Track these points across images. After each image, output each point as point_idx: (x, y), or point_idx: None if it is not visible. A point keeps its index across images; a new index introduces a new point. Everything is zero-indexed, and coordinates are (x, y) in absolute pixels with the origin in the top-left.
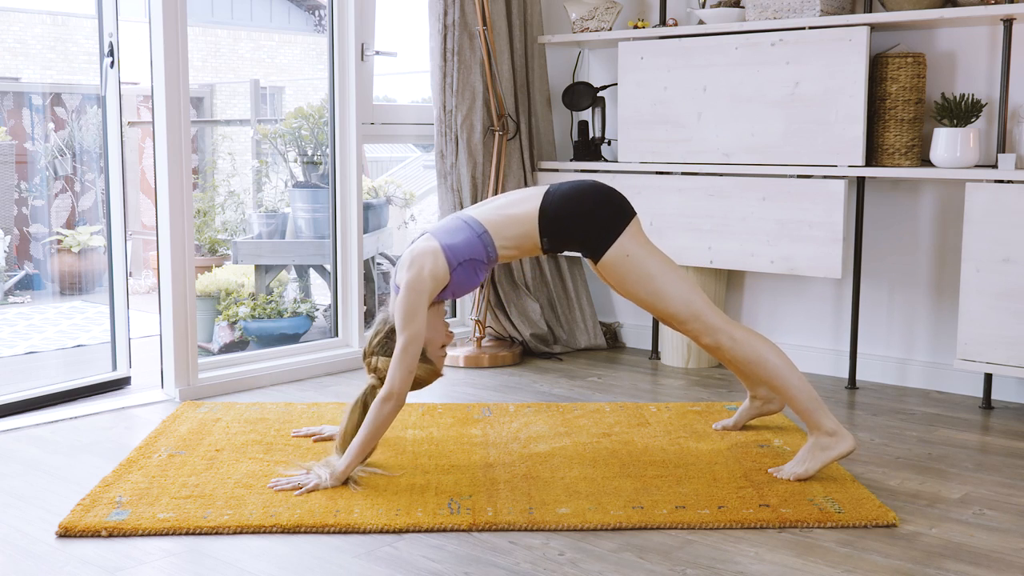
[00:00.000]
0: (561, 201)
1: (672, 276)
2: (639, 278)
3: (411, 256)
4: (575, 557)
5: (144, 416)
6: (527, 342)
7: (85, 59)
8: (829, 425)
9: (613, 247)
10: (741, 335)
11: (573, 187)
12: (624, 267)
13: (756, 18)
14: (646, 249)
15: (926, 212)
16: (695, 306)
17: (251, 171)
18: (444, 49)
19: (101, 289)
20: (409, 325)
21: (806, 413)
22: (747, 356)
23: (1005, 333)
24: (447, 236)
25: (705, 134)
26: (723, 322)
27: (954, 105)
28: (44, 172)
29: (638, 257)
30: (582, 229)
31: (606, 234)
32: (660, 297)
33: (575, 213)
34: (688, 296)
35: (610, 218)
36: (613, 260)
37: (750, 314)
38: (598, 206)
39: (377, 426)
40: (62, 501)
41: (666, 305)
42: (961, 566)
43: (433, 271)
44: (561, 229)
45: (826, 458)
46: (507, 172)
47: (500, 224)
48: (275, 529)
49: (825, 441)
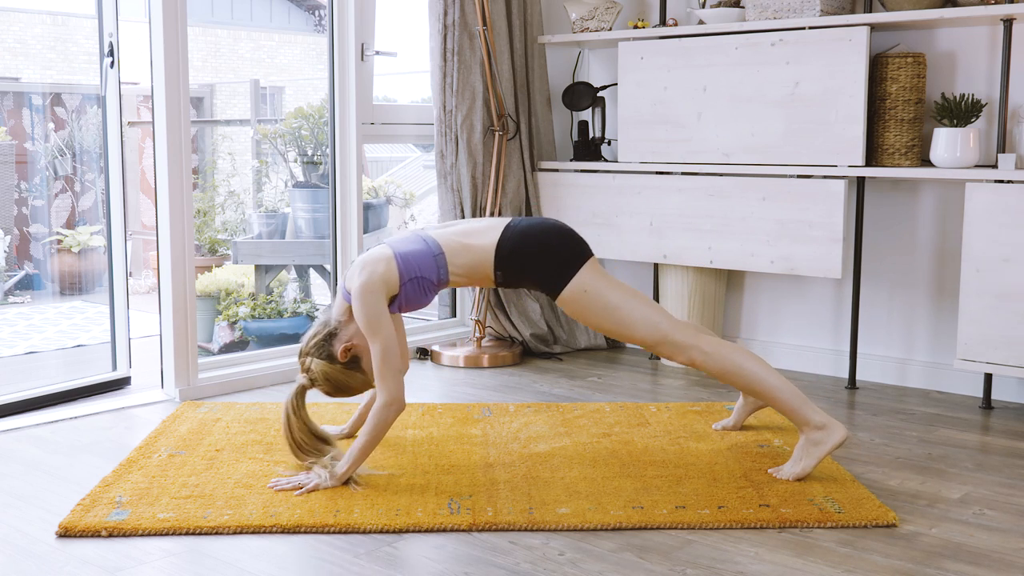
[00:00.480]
0: (519, 238)
1: (634, 303)
2: (601, 310)
3: (363, 261)
4: (575, 557)
5: (144, 416)
6: (527, 342)
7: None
8: (817, 419)
9: (570, 284)
10: (713, 347)
11: (533, 225)
12: (584, 301)
13: (756, 18)
14: (604, 281)
15: (926, 212)
16: (662, 328)
17: (251, 171)
18: (444, 49)
19: (101, 289)
20: (377, 332)
21: (792, 412)
22: (722, 367)
23: (1005, 333)
24: (403, 246)
25: (705, 134)
26: (692, 337)
27: (954, 105)
28: (44, 172)
29: (597, 289)
30: (538, 267)
31: (562, 272)
32: (625, 325)
33: (532, 251)
34: (653, 319)
35: (567, 258)
36: (572, 296)
37: (750, 314)
38: (556, 246)
39: (379, 431)
40: (62, 501)
41: (632, 333)
42: (961, 566)
43: (385, 276)
44: (517, 265)
45: (821, 452)
46: (507, 172)
47: (456, 250)
48: (275, 529)
49: (816, 436)
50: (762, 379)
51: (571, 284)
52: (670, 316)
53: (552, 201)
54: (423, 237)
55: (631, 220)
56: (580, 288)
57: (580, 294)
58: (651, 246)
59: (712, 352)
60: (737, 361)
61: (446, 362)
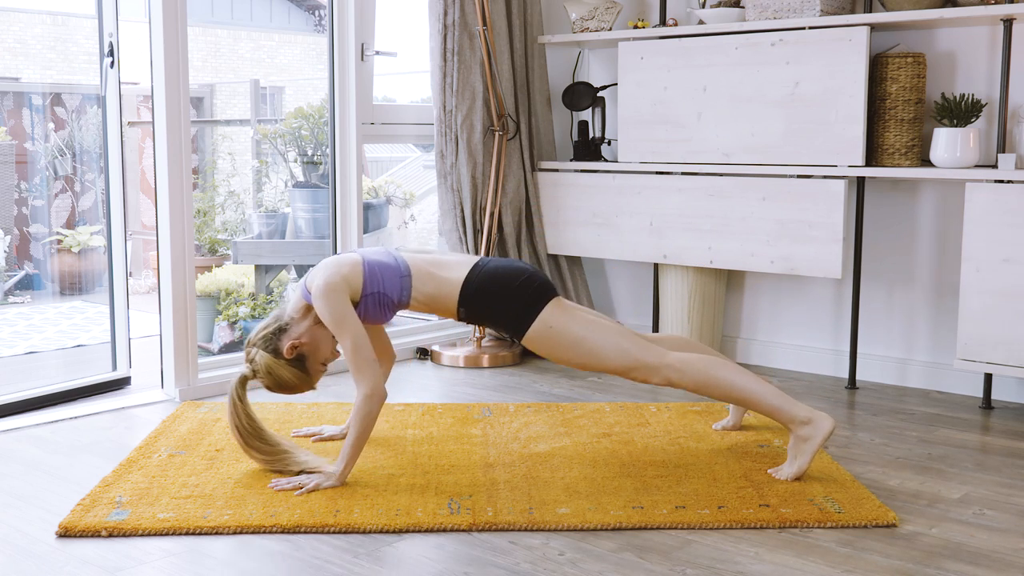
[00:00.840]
0: (486, 279)
1: (600, 332)
2: (568, 345)
3: (329, 262)
4: (575, 557)
5: (144, 416)
6: None
7: (85, 59)
8: (802, 414)
9: (535, 323)
10: (684, 364)
11: (500, 267)
12: (550, 338)
13: (756, 18)
14: (568, 315)
15: (926, 212)
16: (631, 354)
17: (251, 171)
18: (444, 49)
19: (101, 289)
20: (345, 329)
21: (775, 411)
22: (697, 381)
23: (1005, 333)
24: (373, 256)
25: (705, 134)
26: (662, 356)
27: (954, 105)
28: (44, 172)
29: (561, 325)
30: (502, 309)
31: (526, 312)
32: (594, 356)
33: (496, 292)
34: (621, 346)
35: (530, 299)
36: (537, 335)
37: (750, 314)
38: (519, 288)
39: (366, 424)
40: (62, 501)
41: (603, 363)
42: (961, 566)
43: (349, 278)
44: (481, 305)
45: (813, 447)
46: (507, 172)
47: (423, 277)
48: (275, 529)
49: (804, 431)
50: (739, 386)
51: (535, 323)
52: (638, 339)
53: (552, 201)
54: (394, 255)
55: (631, 220)
56: (545, 325)
57: (545, 331)
58: (651, 246)
59: (684, 368)
60: (711, 373)
61: (446, 362)
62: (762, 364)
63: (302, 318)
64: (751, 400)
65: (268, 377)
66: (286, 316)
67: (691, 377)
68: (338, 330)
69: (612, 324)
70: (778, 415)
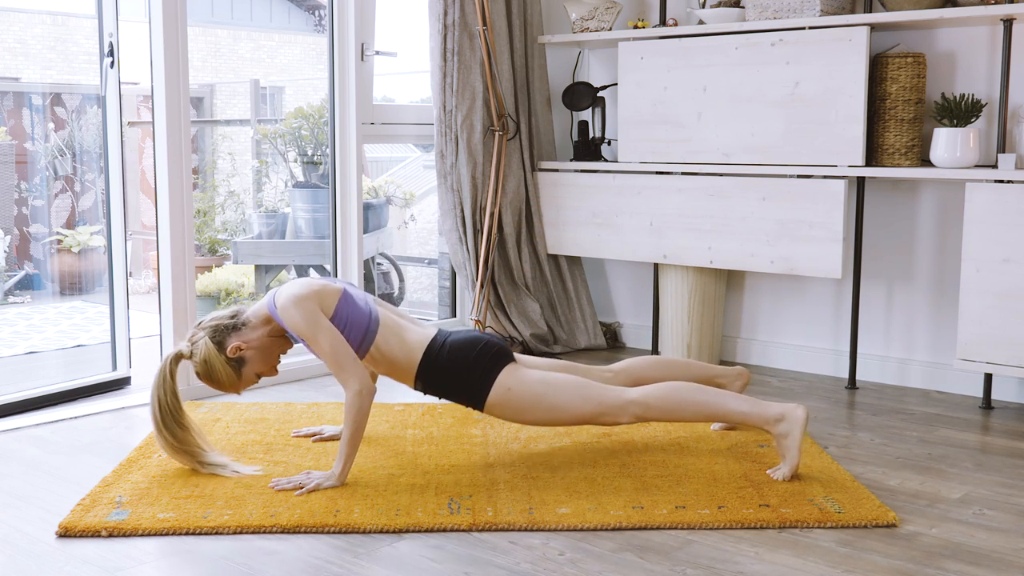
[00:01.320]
0: (443, 355)
1: (559, 386)
2: (531, 404)
3: (304, 280)
4: (575, 557)
5: (144, 416)
6: (527, 342)
7: (85, 59)
8: (774, 412)
9: (492, 390)
10: (645, 397)
11: (456, 342)
12: (510, 402)
13: (756, 18)
14: (524, 375)
15: (926, 212)
16: (594, 399)
17: (251, 171)
18: (444, 49)
19: (101, 289)
20: (319, 331)
21: (747, 417)
22: (664, 410)
23: (1005, 333)
24: (352, 291)
25: (705, 134)
26: (623, 394)
27: (954, 105)
28: (44, 172)
29: (520, 384)
30: (459, 384)
31: (482, 383)
32: (560, 410)
33: (452, 369)
34: (584, 394)
35: (485, 369)
36: (496, 401)
37: (750, 314)
38: (475, 360)
39: (359, 421)
40: (62, 501)
41: (569, 415)
42: (961, 566)
43: (322, 295)
44: (439, 380)
45: (795, 441)
46: (507, 172)
47: (388, 335)
48: (275, 529)
49: (781, 428)
50: (705, 403)
51: (493, 390)
52: (595, 382)
53: (552, 201)
54: (370, 303)
55: (631, 220)
56: (503, 389)
57: (504, 394)
58: (651, 246)
59: (648, 401)
60: (673, 397)
61: None
62: (762, 364)
63: (259, 325)
64: (719, 414)
65: (202, 365)
66: (244, 316)
67: (657, 407)
68: (313, 335)
69: (570, 376)
70: (750, 420)
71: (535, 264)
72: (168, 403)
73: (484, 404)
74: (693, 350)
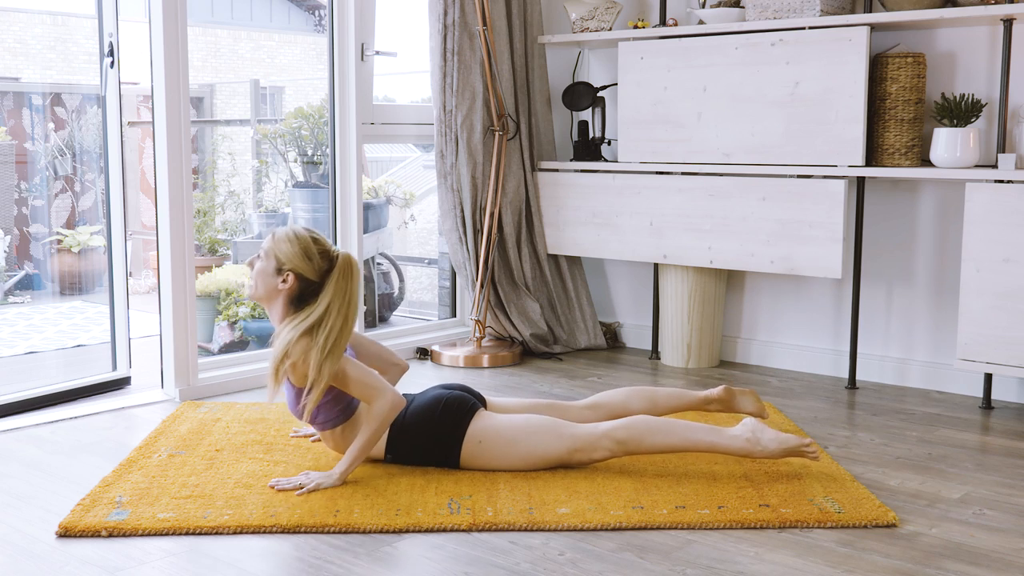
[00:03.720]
0: (407, 420)
1: (530, 430)
2: (504, 451)
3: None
4: (575, 557)
5: (144, 416)
6: (527, 342)
7: (85, 59)
8: (738, 439)
9: (464, 446)
10: (615, 429)
11: (418, 406)
12: (483, 453)
13: (756, 18)
14: (493, 421)
15: (926, 212)
16: (567, 438)
17: (251, 171)
18: (444, 49)
19: (101, 289)
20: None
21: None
22: (638, 442)
23: (1005, 333)
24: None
25: (705, 134)
26: (592, 430)
27: (954, 105)
28: (44, 172)
29: (491, 434)
30: (428, 445)
31: (452, 439)
32: (534, 454)
33: (419, 430)
34: (557, 434)
35: (453, 424)
36: (469, 453)
37: (750, 314)
38: (440, 417)
39: (380, 428)
40: (62, 501)
41: (545, 458)
42: (961, 566)
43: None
44: (407, 445)
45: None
46: (507, 172)
47: (363, 408)
48: (275, 529)
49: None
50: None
51: (464, 444)
52: (566, 422)
53: (552, 201)
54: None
55: (631, 220)
56: (474, 442)
57: (476, 447)
58: (651, 246)
59: (619, 435)
60: (642, 429)
61: (446, 362)
62: (762, 364)
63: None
64: (688, 447)
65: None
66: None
67: (633, 442)
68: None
69: (540, 417)
70: (719, 450)
71: (535, 264)
72: None
73: (458, 460)
74: (693, 350)
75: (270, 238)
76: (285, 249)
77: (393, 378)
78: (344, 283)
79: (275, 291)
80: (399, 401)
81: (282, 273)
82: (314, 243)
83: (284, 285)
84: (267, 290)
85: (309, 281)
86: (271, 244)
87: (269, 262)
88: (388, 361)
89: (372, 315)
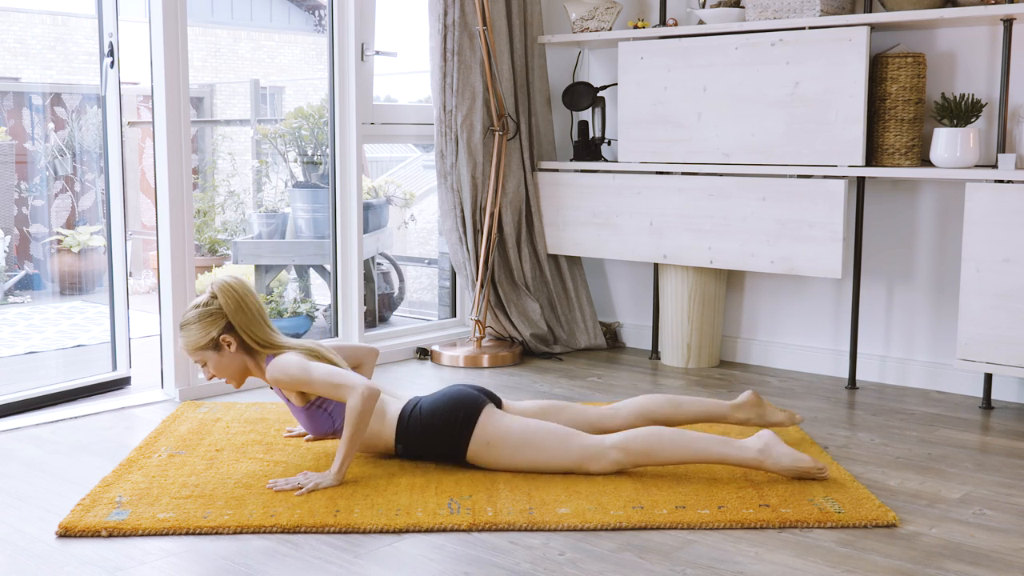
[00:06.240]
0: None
1: (541, 434)
2: (512, 454)
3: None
4: (575, 557)
5: (144, 416)
6: (527, 342)
7: (85, 59)
8: (751, 450)
9: (471, 445)
10: (625, 443)
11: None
12: (492, 453)
13: (756, 18)
14: (504, 424)
15: (926, 212)
16: (575, 447)
17: (251, 171)
18: (444, 49)
19: (101, 289)
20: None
21: (725, 459)
22: (646, 453)
23: (1005, 333)
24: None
25: (705, 134)
26: (601, 442)
27: (954, 105)
28: (44, 172)
29: (500, 436)
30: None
31: (460, 436)
32: (542, 459)
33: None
34: (565, 443)
35: (462, 422)
36: (477, 452)
37: (750, 314)
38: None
39: (360, 420)
40: (62, 501)
41: (552, 464)
42: (961, 566)
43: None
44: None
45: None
46: (507, 172)
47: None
48: (275, 529)
49: (769, 463)
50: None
51: (472, 444)
52: (573, 430)
53: (552, 201)
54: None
55: (631, 220)
56: (482, 442)
57: (485, 447)
58: (651, 246)
59: (628, 447)
60: (652, 441)
61: (446, 362)
62: (762, 364)
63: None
64: (698, 458)
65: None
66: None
67: (639, 452)
68: (306, 386)
69: (551, 425)
70: (730, 461)
71: (535, 264)
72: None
73: (466, 454)
74: (693, 350)
75: (182, 347)
76: (194, 337)
77: (370, 365)
78: (230, 300)
79: (236, 359)
80: (371, 391)
81: (219, 346)
82: (194, 308)
83: (232, 348)
84: (234, 367)
85: (228, 326)
86: (189, 347)
87: (206, 353)
88: (359, 352)
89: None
